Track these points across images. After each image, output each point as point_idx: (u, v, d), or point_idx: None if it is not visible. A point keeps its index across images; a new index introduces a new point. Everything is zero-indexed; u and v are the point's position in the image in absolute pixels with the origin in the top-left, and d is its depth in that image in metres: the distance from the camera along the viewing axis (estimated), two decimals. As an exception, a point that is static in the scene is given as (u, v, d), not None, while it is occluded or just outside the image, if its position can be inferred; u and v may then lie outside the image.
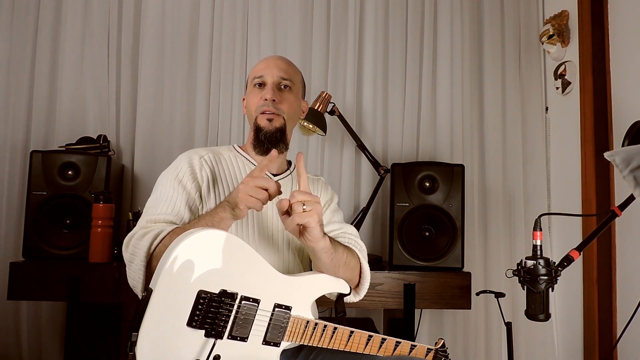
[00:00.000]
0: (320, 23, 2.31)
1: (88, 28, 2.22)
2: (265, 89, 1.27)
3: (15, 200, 2.11)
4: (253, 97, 1.29)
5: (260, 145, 1.26)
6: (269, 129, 1.25)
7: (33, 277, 1.71)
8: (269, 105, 1.25)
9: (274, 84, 1.27)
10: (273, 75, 1.28)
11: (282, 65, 1.30)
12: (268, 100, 1.25)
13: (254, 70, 1.33)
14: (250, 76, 1.33)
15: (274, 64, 1.29)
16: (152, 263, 1.04)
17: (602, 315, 1.93)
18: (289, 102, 1.29)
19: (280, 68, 1.29)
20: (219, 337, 0.95)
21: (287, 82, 1.29)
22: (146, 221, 1.12)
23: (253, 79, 1.30)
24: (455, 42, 2.34)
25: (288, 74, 1.30)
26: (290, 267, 1.25)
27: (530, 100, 2.39)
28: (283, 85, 1.29)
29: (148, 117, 2.22)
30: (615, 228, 1.91)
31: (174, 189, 1.17)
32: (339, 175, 2.30)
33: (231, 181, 1.25)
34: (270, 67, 1.29)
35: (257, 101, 1.27)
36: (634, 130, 1.19)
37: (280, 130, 1.26)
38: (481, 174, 2.35)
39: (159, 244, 1.05)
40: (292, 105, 1.30)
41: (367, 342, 1.14)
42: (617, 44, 1.93)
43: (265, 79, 1.28)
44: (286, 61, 1.33)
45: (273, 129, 1.25)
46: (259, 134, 1.25)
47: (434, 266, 1.88)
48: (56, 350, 2.10)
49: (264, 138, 1.25)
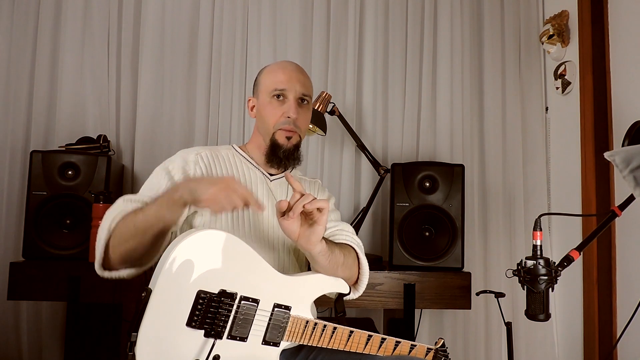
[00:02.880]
0: (320, 23, 2.31)
1: (88, 28, 2.22)
2: (286, 103, 1.25)
3: (15, 200, 2.11)
4: (272, 109, 1.26)
5: (277, 161, 1.26)
6: (287, 146, 1.25)
7: (33, 277, 1.71)
8: (290, 124, 1.24)
9: (296, 99, 1.26)
10: (296, 92, 1.26)
11: (302, 79, 1.28)
12: (291, 118, 1.24)
13: (272, 79, 1.28)
14: (267, 82, 1.29)
15: (296, 79, 1.27)
16: (111, 240, 1.06)
17: (602, 315, 1.92)
18: (306, 118, 1.31)
19: (301, 83, 1.27)
20: (218, 337, 0.95)
21: (307, 98, 1.29)
22: (123, 199, 1.12)
23: (273, 89, 1.26)
24: (455, 42, 2.34)
25: (307, 89, 1.29)
26: (286, 266, 1.25)
27: (530, 100, 2.39)
28: (303, 99, 1.28)
29: (148, 117, 2.22)
30: (615, 228, 1.90)
31: (161, 177, 1.18)
32: (339, 175, 2.30)
33: (226, 174, 1.25)
34: (293, 82, 1.26)
35: (277, 115, 1.25)
36: (634, 130, 1.19)
37: (296, 146, 1.27)
38: (481, 174, 2.35)
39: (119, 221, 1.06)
40: (308, 121, 1.33)
41: (367, 341, 1.14)
42: (617, 44, 1.93)
43: (286, 93, 1.25)
44: (304, 74, 1.31)
45: (292, 147, 1.26)
46: (278, 151, 1.25)
47: (434, 266, 1.88)
48: (56, 350, 2.10)
49: (283, 155, 1.25)
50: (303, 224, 1.02)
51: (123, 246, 1.04)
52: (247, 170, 1.29)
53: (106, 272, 1.08)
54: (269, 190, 1.28)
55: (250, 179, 1.27)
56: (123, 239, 1.04)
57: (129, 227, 1.03)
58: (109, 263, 1.08)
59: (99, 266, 1.08)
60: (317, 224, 1.01)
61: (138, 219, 1.02)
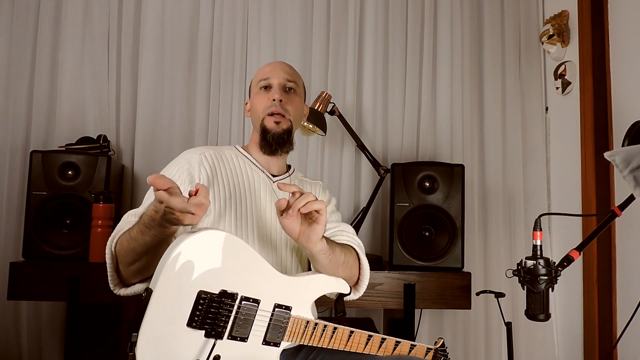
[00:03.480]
0: (320, 23, 2.31)
1: (88, 28, 2.22)
2: (272, 90, 1.31)
3: (15, 200, 2.11)
4: (259, 99, 1.32)
5: (267, 146, 1.29)
6: (276, 130, 1.28)
7: (33, 277, 1.70)
8: (276, 106, 1.28)
9: (281, 85, 1.32)
10: (279, 78, 1.32)
11: (287, 68, 1.35)
12: (276, 101, 1.28)
13: (259, 74, 1.36)
14: (255, 80, 1.36)
15: (280, 67, 1.34)
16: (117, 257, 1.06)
17: (602, 315, 1.92)
18: (294, 104, 1.33)
19: (285, 71, 1.34)
20: (219, 338, 0.95)
21: (292, 84, 1.34)
22: (127, 214, 1.13)
23: (259, 81, 1.33)
24: (455, 42, 2.34)
25: (293, 77, 1.35)
26: (288, 266, 1.26)
27: (530, 100, 2.39)
28: (289, 87, 1.33)
29: (148, 117, 2.22)
30: (615, 228, 1.90)
31: None
32: (339, 175, 2.30)
33: (231, 178, 1.25)
34: (277, 70, 1.33)
35: (264, 102, 1.30)
36: (634, 130, 1.19)
37: (287, 131, 1.30)
38: (481, 174, 2.35)
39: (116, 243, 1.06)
40: (297, 108, 1.35)
41: (367, 342, 1.14)
42: (617, 44, 1.93)
43: (271, 81, 1.32)
44: (290, 66, 1.38)
45: (280, 131, 1.28)
46: (267, 136, 1.28)
47: (434, 266, 1.88)
48: (56, 350, 2.10)
49: (272, 139, 1.28)
50: (303, 222, 1.03)
51: (129, 264, 1.04)
52: (251, 172, 1.30)
53: (122, 289, 1.09)
54: (272, 191, 1.29)
55: (254, 181, 1.28)
56: (127, 259, 1.03)
57: (126, 248, 1.02)
58: (123, 279, 1.09)
59: (113, 286, 1.08)
60: (317, 223, 1.01)
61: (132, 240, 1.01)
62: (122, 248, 1.04)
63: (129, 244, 1.01)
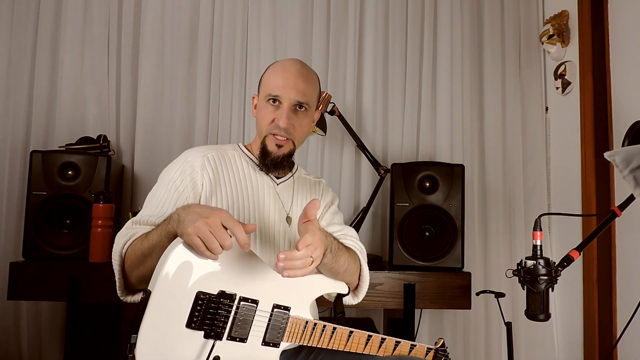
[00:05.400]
0: (320, 23, 2.31)
1: (88, 28, 2.22)
2: (279, 110, 1.22)
3: (15, 200, 2.11)
4: (265, 112, 1.24)
5: (265, 167, 1.26)
6: (276, 154, 1.23)
7: (33, 277, 1.70)
8: (281, 131, 1.22)
9: (291, 105, 1.23)
10: (290, 99, 1.22)
11: (300, 86, 1.22)
12: (280, 127, 1.22)
13: (270, 82, 1.25)
14: (265, 86, 1.26)
15: (293, 85, 1.22)
16: (125, 265, 1.06)
17: (602, 315, 1.92)
18: (301, 126, 1.26)
19: (298, 90, 1.22)
20: (218, 338, 0.95)
21: (304, 105, 1.24)
22: (132, 222, 1.12)
23: (268, 94, 1.23)
24: (455, 42, 2.34)
25: (305, 96, 1.24)
26: None
27: (530, 100, 2.39)
28: (299, 106, 1.24)
29: (148, 117, 2.22)
30: (615, 228, 1.90)
31: (167, 189, 1.16)
32: (339, 175, 2.29)
33: (234, 182, 1.24)
34: (288, 88, 1.21)
35: (268, 120, 1.23)
36: (634, 130, 1.19)
37: (287, 155, 1.25)
38: (481, 174, 2.35)
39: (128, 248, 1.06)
40: (304, 129, 1.28)
41: (367, 342, 1.14)
42: (617, 44, 1.93)
43: (281, 100, 1.22)
44: (305, 79, 1.25)
45: (281, 155, 1.24)
46: (266, 159, 1.24)
47: (434, 266, 1.88)
48: (56, 350, 2.10)
49: (270, 163, 1.24)
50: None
51: (138, 269, 1.04)
52: (254, 174, 1.28)
53: (129, 296, 1.09)
54: (275, 194, 1.28)
55: (257, 183, 1.27)
56: (136, 265, 1.03)
57: (138, 254, 1.02)
58: (130, 285, 1.08)
59: (120, 292, 1.08)
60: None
61: (144, 245, 1.01)
62: (132, 251, 1.04)
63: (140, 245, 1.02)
